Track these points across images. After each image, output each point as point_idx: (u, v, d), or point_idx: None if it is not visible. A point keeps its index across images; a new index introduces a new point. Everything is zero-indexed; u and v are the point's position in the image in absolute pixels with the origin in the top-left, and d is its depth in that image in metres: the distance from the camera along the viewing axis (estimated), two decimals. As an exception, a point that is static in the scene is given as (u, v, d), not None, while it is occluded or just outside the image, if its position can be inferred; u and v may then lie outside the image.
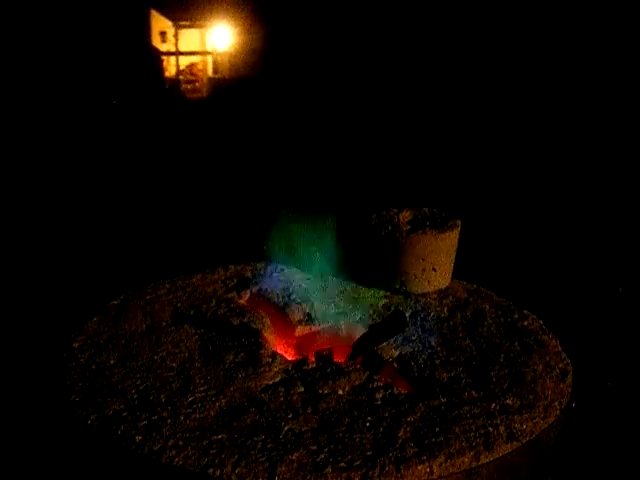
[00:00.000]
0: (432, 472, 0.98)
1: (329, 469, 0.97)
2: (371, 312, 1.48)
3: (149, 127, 6.93)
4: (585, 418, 1.48)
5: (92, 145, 5.74)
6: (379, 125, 5.52)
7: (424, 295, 1.57)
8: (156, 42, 11.08)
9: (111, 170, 4.74)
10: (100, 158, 5.19)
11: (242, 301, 1.56)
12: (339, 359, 1.35)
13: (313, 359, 1.32)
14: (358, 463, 0.98)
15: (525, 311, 1.53)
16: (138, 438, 1.03)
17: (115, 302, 1.54)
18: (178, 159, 5.31)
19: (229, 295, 1.57)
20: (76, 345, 1.33)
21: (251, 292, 1.60)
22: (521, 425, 1.10)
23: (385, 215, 1.60)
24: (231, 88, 10.02)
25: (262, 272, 1.66)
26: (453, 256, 1.59)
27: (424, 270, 1.55)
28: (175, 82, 10.90)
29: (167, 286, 1.62)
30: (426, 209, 1.65)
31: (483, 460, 1.03)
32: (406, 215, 1.62)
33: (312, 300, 1.51)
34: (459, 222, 1.58)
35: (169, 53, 11.18)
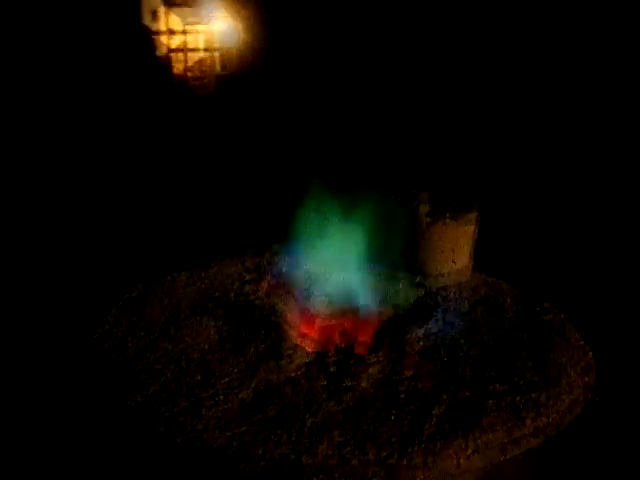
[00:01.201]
0: (459, 465, 0.97)
1: (355, 462, 0.96)
2: (392, 304, 1.47)
3: (160, 123, 6.93)
4: (607, 412, 1.47)
5: (107, 137, 5.73)
6: (393, 112, 5.49)
7: (444, 288, 1.55)
8: (164, 38, 11.09)
9: (123, 163, 4.73)
10: (113, 151, 5.18)
11: (261, 292, 1.54)
12: (360, 351, 1.34)
13: (334, 351, 1.31)
14: (385, 455, 0.97)
15: (546, 304, 1.51)
16: (160, 429, 1.02)
17: (134, 293, 1.53)
18: (189, 152, 5.29)
19: (247, 286, 1.56)
20: (96, 336, 1.32)
21: (270, 283, 1.58)
22: (547, 418, 1.08)
23: (404, 203, 1.58)
24: (238, 84, 10.03)
25: (281, 262, 1.65)
26: (472, 249, 1.57)
27: (444, 262, 1.53)
28: (183, 79, 10.93)
29: (185, 277, 1.61)
30: (446, 201, 1.63)
31: (510, 453, 1.01)
32: (424, 199, 1.59)
33: (332, 291, 1.49)
34: (478, 215, 1.57)
35: (177, 50, 11.21)
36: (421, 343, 1.30)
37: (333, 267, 1.52)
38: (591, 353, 1.32)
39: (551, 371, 1.22)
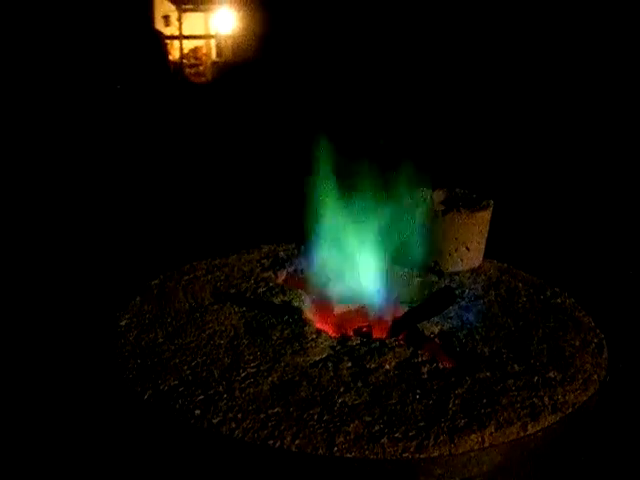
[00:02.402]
0: (483, 441, 1.02)
1: (385, 439, 1.00)
2: (407, 290, 1.52)
3: (154, 111, 6.94)
4: (618, 391, 1.53)
5: (100, 129, 5.76)
6: (398, 107, 5.52)
7: (457, 273, 1.60)
8: (160, 26, 11.06)
9: (122, 155, 4.77)
10: (109, 143, 5.21)
11: (279, 280, 1.59)
12: (378, 336, 1.38)
13: (354, 336, 1.35)
14: (412, 433, 1.02)
15: (557, 289, 1.56)
16: (197, 412, 1.07)
17: (155, 282, 1.57)
18: (188, 143, 5.32)
19: (266, 274, 1.60)
20: (123, 323, 1.37)
21: (287, 272, 1.63)
22: (564, 397, 1.13)
23: (419, 195, 1.63)
24: (235, 72, 10.01)
25: (297, 252, 1.69)
26: (485, 235, 1.62)
27: (457, 249, 1.58)
28: (179, 66, 10.90)
29: (204, 266, 1.65)
30: (459, 190, 1.68)
31: (530, 430, 1.06)
32: (439, 195, 1.65)
33: (349, 279, 1.53)
34: (491, 202, 1.61)
35: (173, 37, 11.16)
36: (439, 327, 1.35)
37: (348, 263, 1.55)
38: (602, 335, 1.37)
39: (566, 352, 1.27)
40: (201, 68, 11.12)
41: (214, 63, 11.00)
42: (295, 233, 1.73)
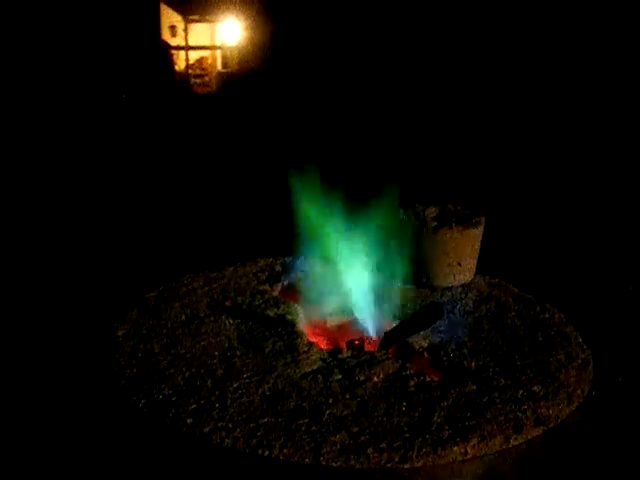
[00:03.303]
0: (466, 453, 1.05)
1: (370, 450, 1.03)
2: (399, 305, 1.55)
3: (159, 121, 7.00)
4: (603, 406, 1.55)
5: (104, 139, 5.81)
6: (393, 121, 5.56)
7: (449, 289, 1.63)
8: (166, 36, 11.15)
9: (125, 165, 4.81)
10: (112, 152, 5.26)
11: (274, 293, 1.62)
12: (370, 349, 1.41)
13: (345, 349, 1.39)
14: (397, 444, 1.05)
15: (546, 304, 1.59)
16: (189, 421, 1.10)
17: (152, 294, 1.61)
18: (190, 154, 5.37)
19: (262, 287, 1.64)
20: (120, 333, 1.40)
21: (283, 285, 1.66)
22: (547, 411, 1.16)
23: (411, 211, 1.66)
24: (240, 82, 10.08)
25: (292, 265, 1.73)
26: (477, 252, 1.65)
27: (449, 265, 1.61)
28: (184, 76, 10.98)
29: (201, 278, 1.69)
30: (451, 206, 1.71)
31: (513, 442, 1.09)
32: (432, 211, 1.68)
33: (342, 293, 1.56)
34: (483, 219, 1.65)
35: (179, 47, 11.25)
36: (428, 341, 1.38)
37: (341, 277, 1.58)
38: (589, 350, 1.40)
39: (551, 366, 1.30)
40: (206, 79, 11.22)
41: (220, 74, 11.09)
42: (291, 247, 1.76)
